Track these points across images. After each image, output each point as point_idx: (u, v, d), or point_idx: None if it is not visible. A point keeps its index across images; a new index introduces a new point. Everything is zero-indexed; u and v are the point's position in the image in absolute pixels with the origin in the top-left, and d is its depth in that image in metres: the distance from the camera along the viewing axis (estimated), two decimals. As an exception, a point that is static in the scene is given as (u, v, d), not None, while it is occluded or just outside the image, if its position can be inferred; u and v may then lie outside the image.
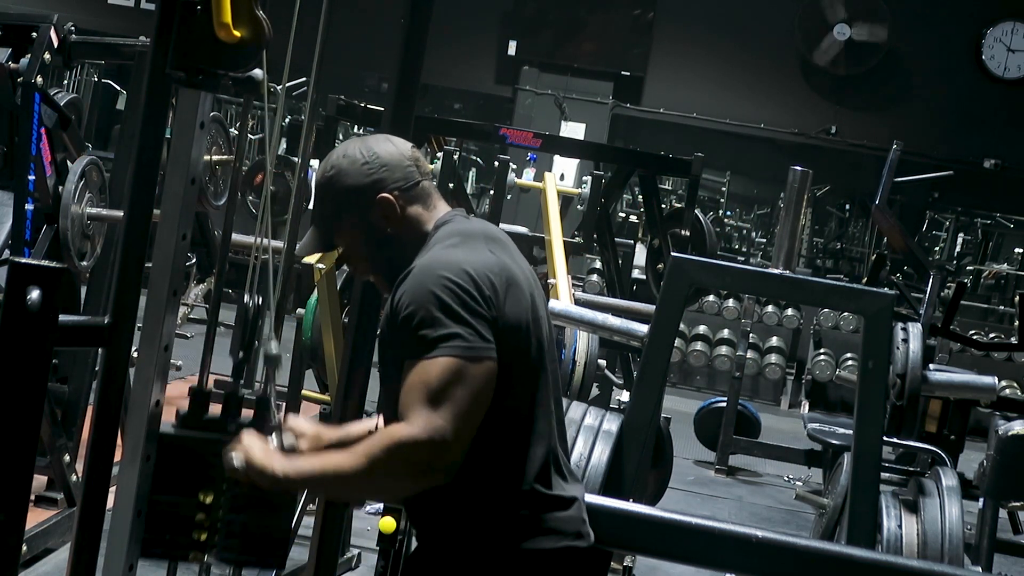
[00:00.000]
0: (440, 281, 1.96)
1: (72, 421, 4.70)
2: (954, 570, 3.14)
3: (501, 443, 2.04)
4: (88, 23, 9.07)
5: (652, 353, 3.23)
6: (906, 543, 3.66)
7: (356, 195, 2.10)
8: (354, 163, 2.10)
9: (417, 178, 2.12)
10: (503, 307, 2.00)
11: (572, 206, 6.86)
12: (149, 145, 2.33)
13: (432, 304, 1.94)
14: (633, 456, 3.13)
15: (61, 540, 4.32)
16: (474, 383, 1.92)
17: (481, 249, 2.05)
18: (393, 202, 2.09)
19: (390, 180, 2.09)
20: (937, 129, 11.92)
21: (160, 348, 2.40)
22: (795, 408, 10.54)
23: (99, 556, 2.38)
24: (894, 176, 7.48)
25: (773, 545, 2.30)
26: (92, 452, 2.34)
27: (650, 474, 4.57)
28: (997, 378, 4.79)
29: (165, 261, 2.38)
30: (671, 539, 2.36)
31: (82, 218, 4.52)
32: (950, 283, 9.54)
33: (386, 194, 2.08)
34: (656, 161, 6.45)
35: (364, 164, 2.09)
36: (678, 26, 12.22)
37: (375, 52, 10.74)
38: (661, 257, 5.85)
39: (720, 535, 2.32)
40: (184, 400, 2.45)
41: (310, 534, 2.61)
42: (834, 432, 6.29)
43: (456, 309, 1.94)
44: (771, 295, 9.08)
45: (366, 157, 2.10)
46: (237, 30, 2.25)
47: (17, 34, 4.45)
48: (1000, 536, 4.62)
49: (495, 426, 2.01)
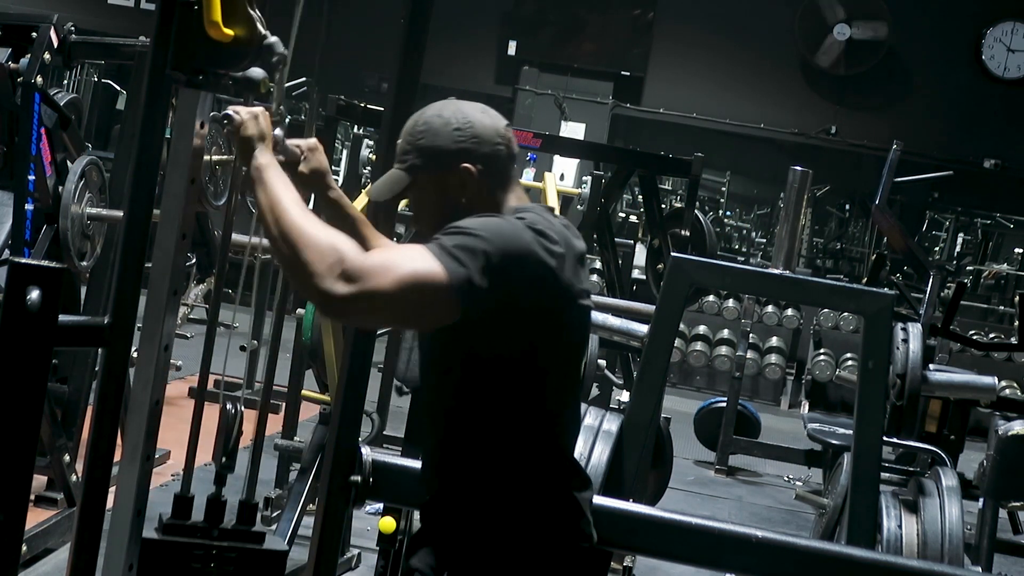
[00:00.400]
0: (501, 233, 1.95)
1: (72, 421, 4.69)
2: (954, 570, 3.14)
3: (537, 439, 2.07)
4: (88, 23, 9.07)
5: (652, 353, 3.23)
6: (906, 543, 3.66)
7: (440, 156, 2.08)
8: (446, 125, 2.08)
9: (503, 158, 2.11)
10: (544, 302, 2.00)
11: (572, 206, 6.86)
12: (149, 145, 2.33)
13: (479, 238, 1.92)
14: (633, 456, 3.13)
15: (61, 540, 4.32)
16: (419, 297, 1.89)
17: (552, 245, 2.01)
18: (473, 174, 2.07)
19: (476, 152, 2.07)
20: (937, 129, 11.92)
21: (160, 348, 2.40)
22: (795, 408, 10.54)
23: (99, 556, 2.38)
24: (894, 176, 7.48)
25: (773, 545, 2.30)
26: (92, 452, 2.34)
27: (650, 474, 4.56)
28: (997, 378, 4.79)
29: (165, 261, 2.38)
30: (671, 539, 2.36)
31: (82, 218, 4.52)
32: (950, 283, 9.54)
33: (468, 165, 2.07)
34: (656, 161, 6.45)
35: (456, 130, 2.08)
36: (678, 26, 12.23)
37: (375, 52, 10.74)
38: (661, 257, 5.85)
39: (720, 535, 2.33)
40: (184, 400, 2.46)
41: (310, 534, 2.61)
42: (834, 432, 6.29)
43: (486, 259, 1.91)
44: (771, 295, 9.08)
45: (459, 123, 2.08)
46: (230, 29, 2.25)
47: (17, 34, 4.45)
48: (1000, 536, 4.62)
49: (533, 423, 2.05)
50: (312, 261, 1.87)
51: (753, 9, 12.12)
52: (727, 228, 13.63)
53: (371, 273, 1.87)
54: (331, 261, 1.86)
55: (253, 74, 2.37)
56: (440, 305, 1.90)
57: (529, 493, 2.07)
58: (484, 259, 1.90)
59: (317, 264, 1.87)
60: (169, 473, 5.00)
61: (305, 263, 1.88)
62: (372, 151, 8.84)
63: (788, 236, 3.62)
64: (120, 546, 2.38)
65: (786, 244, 3.61)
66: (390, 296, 1.87)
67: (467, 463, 2.09)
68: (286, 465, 5.21)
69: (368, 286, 1.86)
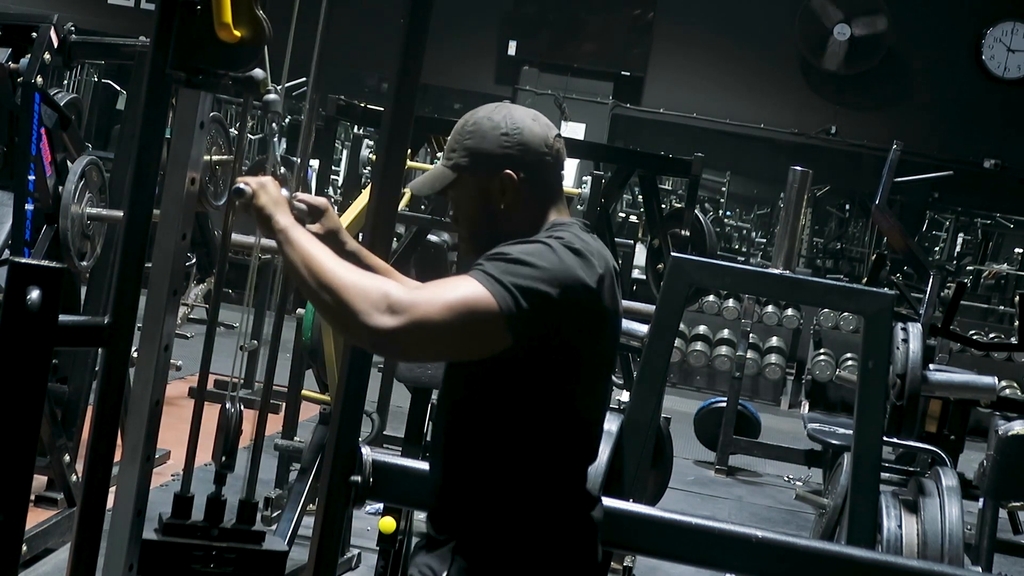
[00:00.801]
0: (546, 259, 1.94)
1: (72, 421, 4.70)
2: (954, 570, 3.14)
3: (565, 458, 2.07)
4: (88, 23, 9.07)
5: (652, 353, 3.23)
6: (906, 543, 3.66)
7: (484, 159, 2.07)
8: (495, 129, 2.07)
9: (549, 168, 2.10)
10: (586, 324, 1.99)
11: (572, 206, 6.86)
12: (149, 145, 2.33)
13: (525, 265, 1.91)
14: (633, 456, 3.13)
15: (61, 540, 4.32)
16: (469, 324, 1.88)
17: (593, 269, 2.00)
18: (516, 182, 2.06)
19: (521, 160, 2.06)
20: (937, 129, 11.92)
21: (160, 348, 2.40)
22: (795, 408, 10.54)
23: (99, 556, 2.38)
24: (894, 176, 7.48)
25: (773, 545, 2.30)
26: (92, 452, 2.34)
27: (650, 474, 4.56)
28: (997, 378, 4.79)
29: (165, 261, 2.38)
30: (671, 539, 2.36)
31: (82, 218, 4.51)
32: (950, 283, 9.54)
33: (511, 172, 2.06)
34: (656, 161, 6.44)
35: (503, 134, 2.07)
36: (678, 26, 12.23)
37: (375, 52, 10.73)
38: (661, 257, 5.84)
39: (720, 535, 2.32)
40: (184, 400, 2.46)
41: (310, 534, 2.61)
42: (834, 432, 6.29)
43: (533, 285, 1.90)
44: (771, 295, 9.08)
45: (508, 128, 2.07)
46: (237, 30, 2.25)
47: (17, 34, 4.45)
48: (1000, 536, 4.62)
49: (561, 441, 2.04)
50: (356, 301, 1.86)
51: (753, 9, 12.12)
52: (727, 228, 13.63)
53: (418, 303, 1.86)
54: (375, 298, 1.86)
55: (253, 74, 2.37)
56: (490, 333, 1.90)
57: (550, 517, 2.05)
58: (531, 285, 1.90)
59: (361, 303, 1.86)
60: (169, 473, 5.01)
61: (349, 304, 1.87)
62: (372, 151, 8.84)
63: (788, 236, 3.62)
64: (120, 546, 2.38)
65: (786, 244, 3.62)
66: (440, 325, 1.87)
67: (490, 480, 2.06)
68: (286, 465, 5.21)
69: (417, 315, 1.85)
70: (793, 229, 3.62)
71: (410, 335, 1.86)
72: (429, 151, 6.38)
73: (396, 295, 1.86)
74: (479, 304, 1.88)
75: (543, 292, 1.91)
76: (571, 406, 2.05)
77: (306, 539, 2.79)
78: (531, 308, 1.90)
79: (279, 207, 2.08)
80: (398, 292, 1.87)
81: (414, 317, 1.85)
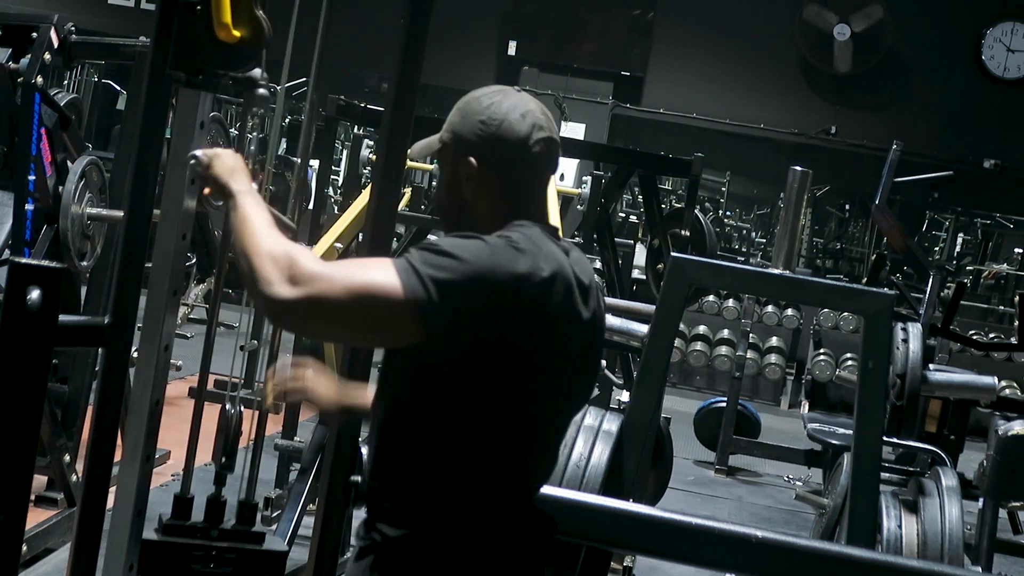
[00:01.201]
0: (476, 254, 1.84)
1: (72, 421, 4.69)
2: (954, 570, 3.14)
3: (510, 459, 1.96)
4: (88, 23, 9.07)
5: (652, 353, 3.23)
6: (906, 543, 3.66)
7: (459, 140, 2.01)
8: (477, 114, 1.99)
9: (523, 169, 2.00)
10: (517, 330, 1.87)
11: (572, 206, 6.86)
12: (149, 145, 2.33)
13: (450, 258, 1.83)
14: (633, 456, 3.13)
15: (61, 540, 4.32)
16: (369, 309, 1.81)
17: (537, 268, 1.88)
18: (475, 172, 1.98)
19: (491, 153, 1.98)
20: (937, 129, 11.92)
21: (160, 348, 2.40)
22: (795, 408, 10.54)
23: (99, 556, 2.38)
24: (894, 176, 7.48)
25: (773, 545, 2.30)
26: (92, 452, 2.34)
27: (650, 474, 4.56)
28: (997, 378, 4.79)
29: (165, 261, 2.38)
30: (671, 539, 2.36)
31: (82, 218, 4.51)
32: (950, 283, 9.54)
33: (474, 160, 1.98)
34: (656, 161, 6.45)
35: (481, 122, 1.98)
36: (678, 26, 12.23)
37: (375, 52, 10.74)
38: (661, 257, 5.84)
39: (720, 535, 2.32)
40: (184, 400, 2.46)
41: (310, 534, 2.61)
42: (834, 432, 6.29)
43: (452, 279, 1.81)
44: (771, 295, 9.08)
45: (487, 117, 1.99)
46: (237, 30, 2.25)
47: (17, 34, 4.45)
48: (1000, 536, 4.62)
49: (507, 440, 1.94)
50: (263, 266, 1.82)
51: (753, 9, 12.12)
52: (727, 228, 13.63)
53: (320, 278, 1.80)
54: (282, 265, 1.81)
55: (254, 74, 2.37)
56: (395, 323, 1.81)
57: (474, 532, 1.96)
58: (449, 278, 1.81)
59: (267, 269, 1.82)
60: (169, 473, 5.01)
61: (257, 270, 1.83)
62: (372, 151, 8.84)
63: (788, 236, 3.62)
64: (120, 546, 2.38)
65: (786, 244, 3.62)
66: (337, 304, 1.80)
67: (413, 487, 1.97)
68: (286, 465, 5.20)
69: (314, 290, 1.79)
70: (793, 229, 3.62)
71: (304, 309, 1.80)
72: (429, 151, 6.36)
73: (302, 266, 1.80)
74: (383, 291, 1.80)
75: (461, 286, 1.81)
76: (516, 411, 1.93)
77: (306, 539, 2.79)
78: (445, 302, 1.80)
79: (234, 175, 2.11)
80: (306, 263, 1.81)
81: (311, 292, 1.79)
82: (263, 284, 1.81)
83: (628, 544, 2.48)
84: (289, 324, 1.90)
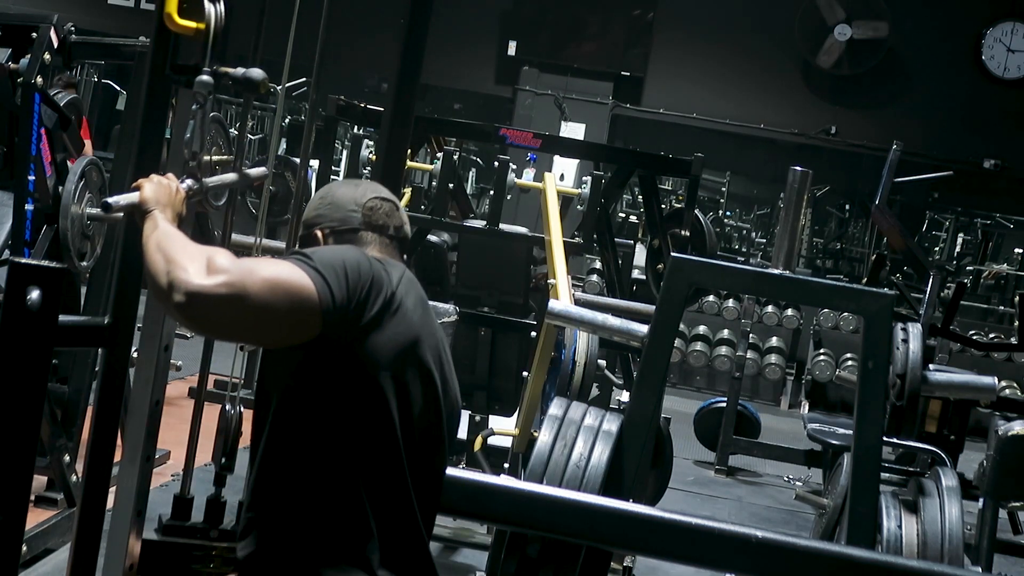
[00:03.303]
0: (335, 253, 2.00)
1: (72, 421, 4.69)
2: (954, 570, 3.14)
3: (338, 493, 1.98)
4: (88, 23, 9.07)
5: (652, 353, 3.23)
6: (906, 543, 3.66)
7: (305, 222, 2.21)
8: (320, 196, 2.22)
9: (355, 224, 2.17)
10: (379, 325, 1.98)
11: (572, 206, 6.85)
12: (149, 145, 2.33)
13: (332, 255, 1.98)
14: (633, 456, 3.13)
15: (61, 540, 4.32)
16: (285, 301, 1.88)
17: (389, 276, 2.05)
18: (320, 238, 2.16)
19: (326, 219, 2.18)
20: (937, 129, 11.91)
21: (160, 348, 2.40)
22: (795, 408, 10.54)
23: (99, 556, 2.38)
24: (894, 176, 7.48)
25: (773, 545, 2.30)
26: (92, 452, 2.34)
27: (650, 474, 4.56)
28: (997, 378, 4.79)
29: (165, 261, 2.38)
30: (671, 539, 2.36)
31: (82, 218, 4.51)
32: (950, 283, 9.55)
33: (317, 230, 2.17)
34: (656, 161, 6.44)
35: (319, 199, 2.21)
36: (678, 26, 12.22)
37: (375, 52, 10.74)
38: (661, 257, 5.85)
39: (720, 535, 2.32)
40: (184, 400, 2.46)
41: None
42: (834, 432, 6.29)
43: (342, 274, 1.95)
44: (771, 295, 9.08)
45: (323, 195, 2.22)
46: (185, 20, 2.26)
47: (17, 34, 4.45)
48: (1000, 536, 4.62)
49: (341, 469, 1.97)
50: (182, 261, 1.87)
51: (753, 9, 12.12)
52: (727, 228, 13.63)
53: (237, 269, 1.86)
54: (199, 260, 1.86)
55: (253, 74, 2.37)
56: (305, 315, 1.90)
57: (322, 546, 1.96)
58: (342, 274, 1.94)
59: (186, 263, 1.86)
60: (169, 473, 5.00)
61: (176, 263, 1.87)
62: (372, 151, 8.83)
63: (788, 236, 3.62)
64: (120, 546, 2.38)
65: (786, 244, 3.61)
66: (255, 292, 1.86)
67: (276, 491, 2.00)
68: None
69: (233, 278, 1.84)
70: (793, 229, 3.62)
71: (221, 298, 1.83)
72: (429, 151, 6.38)
73: (220, 259, 1.87)
74: (298, 285, 1.90)
75: (351, 277, 1.95)
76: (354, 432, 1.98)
77: (306, 539, 2.79)
78: (342, 296, 1.92)
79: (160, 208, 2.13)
80: (223, 257, 1.88)
81: (230, 280, 1.84)
82: (181, 275, 1.84)
83: (628, 544, 2.48)
84: (204, 313, 1.87)
